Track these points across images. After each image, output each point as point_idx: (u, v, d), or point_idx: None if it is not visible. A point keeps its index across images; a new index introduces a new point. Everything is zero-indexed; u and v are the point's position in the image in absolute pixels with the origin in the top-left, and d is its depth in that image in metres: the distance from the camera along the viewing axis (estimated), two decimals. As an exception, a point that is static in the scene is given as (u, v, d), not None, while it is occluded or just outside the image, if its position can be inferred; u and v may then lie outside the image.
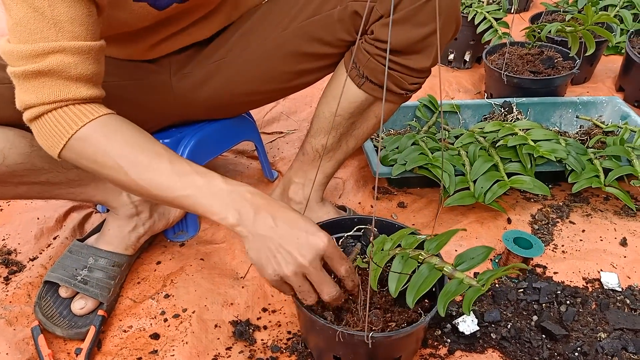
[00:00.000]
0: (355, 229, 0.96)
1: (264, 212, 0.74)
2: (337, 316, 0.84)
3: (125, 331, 0.98)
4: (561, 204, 1.30)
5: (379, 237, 0.88)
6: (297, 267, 0.74)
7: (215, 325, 0.98)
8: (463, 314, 0.97)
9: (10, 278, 1.08)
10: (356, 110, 0.99)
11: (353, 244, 0.94)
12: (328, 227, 0.94)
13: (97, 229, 1.10)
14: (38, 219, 1.22)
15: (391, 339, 0.80)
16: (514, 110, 1.51)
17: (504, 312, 1.01)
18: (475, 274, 0.75)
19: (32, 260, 1.12)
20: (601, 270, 1.10)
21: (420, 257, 0.78)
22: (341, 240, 0.95)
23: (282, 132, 1.59)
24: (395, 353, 0.85)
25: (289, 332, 0.97)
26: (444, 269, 0.75)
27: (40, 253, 1.14)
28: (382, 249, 0.81)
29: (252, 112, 1.32)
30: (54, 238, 1.18)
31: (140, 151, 0.76)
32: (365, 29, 0.91)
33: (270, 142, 1.54)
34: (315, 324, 0.81)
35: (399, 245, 0.81)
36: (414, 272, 0.77)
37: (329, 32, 0.94)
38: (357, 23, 0.91)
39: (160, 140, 1.11)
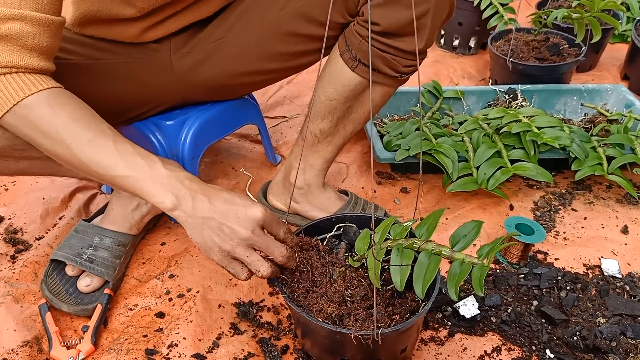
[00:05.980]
0: (335, 228, 0.94)
1: (200, 196, 0.76)
2: (340, 320, 0.82)
3: (131, 309, 0.99)
4: (564, 191, 1.31)
5: (362, 233, 0.87)
6: (241, 239, 0.76)
7: (219, 305, 1.00)
8: (464, 297, 0.98)
9: (17, 257, 1.09)
10: (351, 94, 0.98)
11: (337, 243, 0.93)
12: (308, 230, 0.92)
13: (102, 211, 1.11)
14: (44, 199, 1.23)
15: (399, 331, 0.78)
16: (519, 97, 1.51)
17: (505, 297, 1.02)
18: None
19: (38, 239, 1.14)
20: (602, 257, 1.11)
21: (414, 245, 0.77)
22: (325, 241, 0.93)
23: (285, 117, 1.59)
24: (402, 345, 0.84)
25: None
26: (442, 252, 0.75)
27: (46, 232, 1.15)
28: (370, 244, 0.80)
29: (256, 96, 1.32)
30: (60, 218, 1.19)
31: (85, 126, 0.76)
32: (357, 11, 0.91)
33: (274, 126, 1.54)
34: (321, 330, 0.80)
35: (388, 238, 0.81)
36: (414, 261, 0.76)
37: (324, 13, 0.93)
38: (349, 5, 0.91)
39: (164, 122, 1.12)
